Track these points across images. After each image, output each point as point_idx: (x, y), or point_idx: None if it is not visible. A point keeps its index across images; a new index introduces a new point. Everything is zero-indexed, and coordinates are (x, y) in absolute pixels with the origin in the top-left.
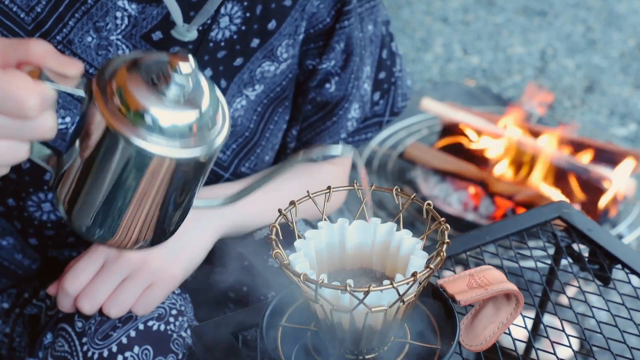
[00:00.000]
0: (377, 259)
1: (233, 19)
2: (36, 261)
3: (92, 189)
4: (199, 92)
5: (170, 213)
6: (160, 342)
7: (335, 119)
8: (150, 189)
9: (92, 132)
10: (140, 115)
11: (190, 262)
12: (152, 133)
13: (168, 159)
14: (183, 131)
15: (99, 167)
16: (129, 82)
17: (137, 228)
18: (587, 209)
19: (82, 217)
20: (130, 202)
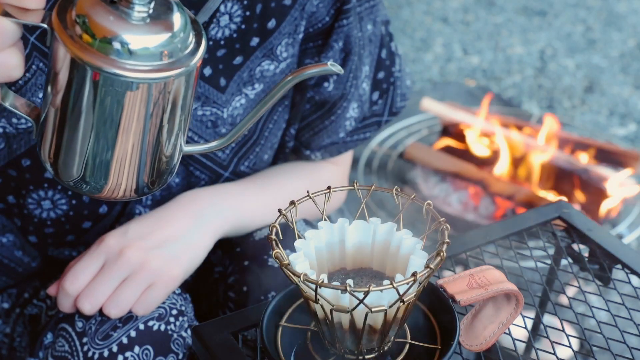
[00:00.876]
0: (377, 259)
1: (233, 18)
2: (36, 259)
3: (72, 134)
4: (165, 11)
5: (158, 152)
6: (161, 342)
7: (334, 118)
8: (130, 122)
9: (59, 69)
10: (106, 40)
11: (191, 262)
12: (121, 58)
13: (141, 83)
14: (154, 52)
15: (72, 107)
16: (89, 7)
17: (126, 171)
18: (587, 209)
19: (68, 170)
20: (113, 141)
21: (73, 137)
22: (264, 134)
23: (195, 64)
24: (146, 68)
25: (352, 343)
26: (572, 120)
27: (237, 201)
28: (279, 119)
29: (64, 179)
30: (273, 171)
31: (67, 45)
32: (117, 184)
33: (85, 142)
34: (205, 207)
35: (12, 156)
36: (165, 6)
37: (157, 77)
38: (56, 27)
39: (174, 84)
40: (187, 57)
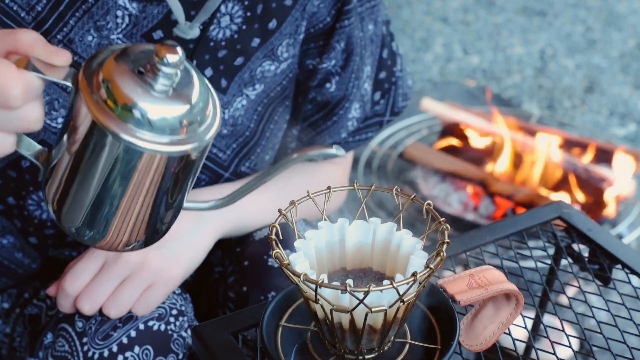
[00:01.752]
0: (377, 259)
1: (234, 18)
2: (36, 260)
3: (80, 186)
4: (188, 84)
5: (162, 212)
6: (161, 342)
7: (336, 118)
8: (139, 186)
9: (79, 126)
10: (127, 108)
11: (191, 262)
12: (140, 127)
13: (157, 154)
14: (172, 125)
15: (86, 163)
16: (115, 73)
17: (128, 228)
18: (587, 209)
19: (71, 217)
20: (119, 201)
21: (81, 191)
22: (265, 135)
23: (211, 139)
24: (164, 141)
25: (352, 343)
26: (572, 120)
27: (238, 201)
28: (280, 120)
29: (66, 225)
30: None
31: (90, 107)
32: (116, 239)
33: (92, 198)
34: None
35: (12, 157)
36: (189, 79)
37: (173, 151)
38: (82, 88)
39: (188, 157)
40: (203, 131)
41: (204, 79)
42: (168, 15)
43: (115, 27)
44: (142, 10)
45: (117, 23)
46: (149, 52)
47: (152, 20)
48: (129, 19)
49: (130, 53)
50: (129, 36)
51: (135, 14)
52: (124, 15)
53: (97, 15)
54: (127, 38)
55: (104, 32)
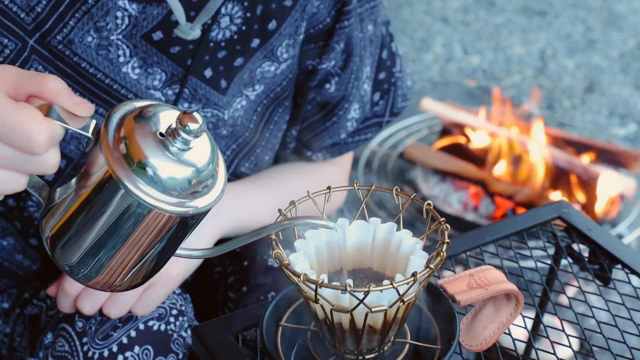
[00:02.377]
0: (377, 258)
1: (233, 19)
2: (36, 262)
3: (82, 230)
4: (202, 150)
5: (153, 262)
6: (161, 342)
7: (335, 119)
8: (140, 239)
9: (92, 174)
10: (144, 166)
11: (190, 262)
12: (152, 186)
13: (164, 213)
14: (182, 186)
15: (93, 210)
16: (136, 132)
17: (120, 274)
18: (587, 209)
19: (66, 256)
20: (118, 249)
21: (82, 234)
22: (265, 135)
23: (217, 201)
24: (173, 201)
25: (352, 343)
26: (572, 120)
27: (237, 201)
28: (280, 120)
29: (59, 261)
30: (273, 171)
31: (108, 160)
32: (108, 281)
33: (91, 242)
34: None
35: None
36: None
37: (181, 212)
38: (103, 142)
39: (192, 218)
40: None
41: (215, 147)
42: (168, 16)
43: (115, 28)
44: (142, 11)
45: (117, 24)
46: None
47: (152, 21)
48: (128, 20)
49: (151, 113)
50: (129, 37)
51: (135, 14)
52: (124, 16)
53: (97, 16)
54: (127, 39)
55: (104, 33)
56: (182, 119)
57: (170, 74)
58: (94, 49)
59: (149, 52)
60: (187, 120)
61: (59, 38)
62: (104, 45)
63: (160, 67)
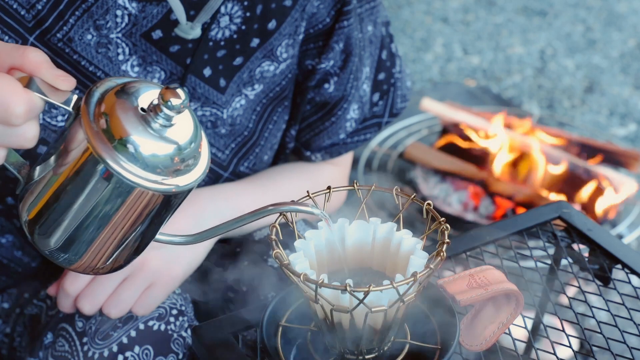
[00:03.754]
0: (377, 258)
1: (233, 19)
2: (35, 259)
3: (62, 210)
4: (185, 128)
5: (136, 243)
6: (161, 342)
7: (334, 119)
8: (122, 218)
9: (72, 150)
10: (124, 142)
11: (190, 262)
12: (133, 162)
13: (146, 191)
14: (164, 163)
15: (72, 188)
16: (117, 107)
17: (103, 256)
18: (587, 209)
19: (47, 238)
20: (100, 230)
21: (62, 215)
22: (264, 135)
23: (199, 180)
24: (154, 178)
25: (352, 343)
26: (572, 120)
27: (236, 201)
28: (279, 120)
29: (40, 245)
30: (273, 172)
31: (88, 135)
32: (89, 264)
33: (72, 222)
34: (205, 207)
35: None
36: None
37: (163, 189)
38: (83, 116)
39: (174, 196)
40: (193, 172)
41: (198, 124)
42: (167, 15)
43: (114, 27)
44: (142, 9)
45: (117, 22)
46: (152, 92)
47: (151, 20)
48: (128, 19)
49: (133, 89)
50: (129, 35)
51: (134, 13)
52: (124, 15)
53: (97, 14)
54: (126, 37)
55: (104, 31)
56: (165, 94)
57: (170, 72)
58: (94, 47)
59: (149, 51)
60: (170, 95)
61: (58, 36)
62: (104, 44)
63: (160, 65)
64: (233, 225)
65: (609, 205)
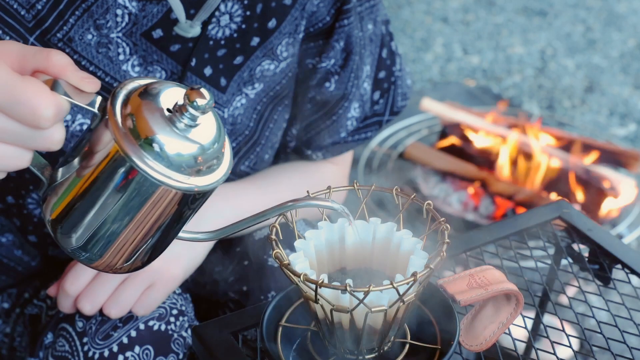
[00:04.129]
0: (377, 258)
1: (233, 17)
2: (35, 258)
3: (87, 209)
4: (209, 128)
5: (158, 243)
6: (161, 342)
7: (335, 117)
8: (146, 217)
9: (97, 151)
10: (151, 142)
11: (191, 262)
12: (159, 162)
13: (171, 189)
14: (189, 163)
15: (98, 188)
16: (143, 108)
17: (124, 255)
18: (587, 209)
19: (71, 237)
20: (124, 229)
21: (87, 214)
22: (265, 134)
23: (222, 180)
24: (180, 177)
25: (352, 343)
26: (572, 120)
27: (237, 201)
28: (279, 119)
29: (63, 243)
30: (273, 171)
31: (115, 135)
32: (112, 261)
33: (95, 221)
34: (205, 208)
35: None
36: (211, 122)
37: (188, 188)
38: (110, 117)
39: (199, 195)
40: (217, 171)
41: (221, 123)
42: (168, 14)
43: (115, 26)
44: (142, 9)
45: (117, 22)
46: (178, 92)
47: (151, 19)
48: (128, 18)
49: (157, 90)
50: (129, 35)
51: (135, 12)
52: (124, 14)
53: (97, 14)
54: (126, 37)
55: (104, 31)
56: (190, 95)
57: (170, 72)
58: (94, 46)
59: (149, 50)
60: (195, 95)
61: (59, 36)
62: (104, 43)
63: (160, 65)
64: (254, 221)
65: (609, 205)
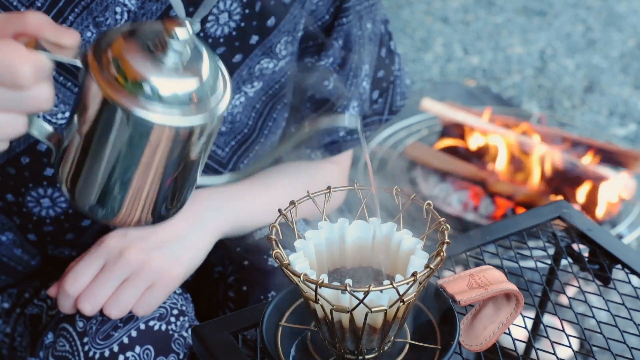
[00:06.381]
0: (377, 259)
1: (232, 16)
2: (35, 257)
3: (93, 164)
4: (198, 59)
5: (174, 187)
6: (162, 342)
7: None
8: (151, 160)
9: (89, 105)
10: (138, 83)
11: (191, 262)
12: (151, 102)
13: (168, 127)
14: (183, 99)
15: (97, 140)
16: (125, 51)
17: (140, 204)
18: (587, 209)
19: (85, 196)
20: (132, 176)
21: (94, 169)
22: (263, 132)
23: (223, 113)
24: (174, 114)
25: (352, 343)
26: (572, 120)
27: (236, 201)
28: (278, 117)
29: (80, 204)
30: (273, 171)
31: (100, 84)
32: (131, 215)
33: (105, 174)
34: (205, 207)
35: (11, 154)
36: (199, 54)
37: (184, 125)
38: (92, 67)
39: (199, 130)
40: (214, 105)
41: (214, 55)
42: (167, 12)
43: (114, 24)
44: (141, 6)
45: (116, 19)
46: (158, 29)
47: (150, 17)
48: (127, 16)
49: (139, 30)
50: None
51: (134, 10)
52: (123, 12)
53: (96, 11)
54: None
55: (103, 28)
56: (168, 27)
57: None
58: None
59: None
60: (173, 26)
61: None
62: None
63: None
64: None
65: (609, 205)
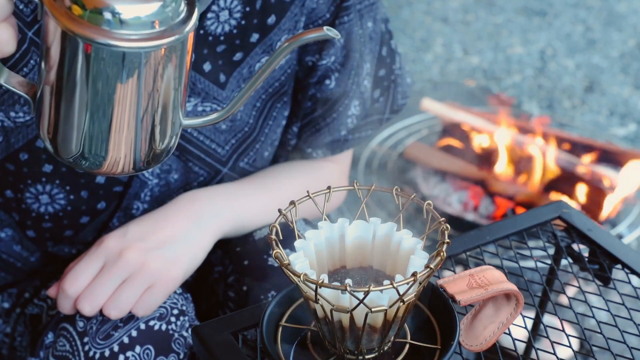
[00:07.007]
0: (377, 259)
1: (233, 13)
2: (34, 253)
3: (68, 108)
4: None
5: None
6: (162, 341)
7: (335, 115)
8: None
9: (51, 43)
10: (96, 11)
11: (190, 262)
12: (112, 28)
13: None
14: (145, 22)
15: (67, 81)
16: None
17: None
18: (587, 209)
19: (67, 146)
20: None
21: (69, 112)
22: (264, 131)
23: (188, 32)
24: (138, 37)
25: (352, 343)
26: (572, 120)
27: (236, 201)
28: (278, 116)
29: (63, 155)
30: (272, 170)
31: (57, 17)
32: (116, 159)
33: (81, 116)
34: (204, 207)
35: (10, 150)
36: None
37: (149, 46)
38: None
39: (167, 53)
40: (179, 25)
41: None
42: None
43: None
44: None
45: None
46: None
47: None
48: None
49: None
50: None
51: None
52: None
53: None
54: None
55: None
56: None
57: None
58: None
59: None
60: None
61: None
62: None
63: None
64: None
65: (609, 205)
